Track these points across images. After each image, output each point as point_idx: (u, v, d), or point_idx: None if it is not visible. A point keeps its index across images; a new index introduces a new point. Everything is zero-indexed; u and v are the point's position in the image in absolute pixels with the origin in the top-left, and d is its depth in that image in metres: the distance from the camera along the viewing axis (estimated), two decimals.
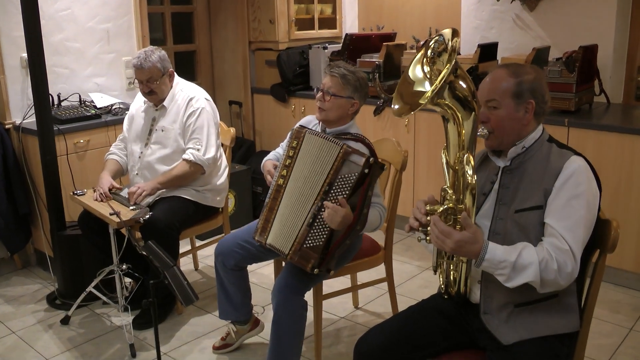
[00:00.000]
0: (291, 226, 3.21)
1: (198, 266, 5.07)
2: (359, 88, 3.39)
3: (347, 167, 3.09)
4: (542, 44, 5.30)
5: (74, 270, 4.38)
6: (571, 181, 2.33)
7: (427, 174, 5.39)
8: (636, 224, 4.28)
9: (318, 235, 3.11)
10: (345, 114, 3.41)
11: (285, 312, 3.25)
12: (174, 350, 3.87)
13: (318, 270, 3.11)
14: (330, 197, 3.09)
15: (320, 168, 3.15)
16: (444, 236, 2.25)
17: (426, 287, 4.62)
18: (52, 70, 4.89)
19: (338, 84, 3.35)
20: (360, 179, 3.05)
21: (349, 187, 3.06)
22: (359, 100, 3.42)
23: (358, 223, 3.09)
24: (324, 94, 3.37)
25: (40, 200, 4.75)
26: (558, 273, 2.25)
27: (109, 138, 4.87)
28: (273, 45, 6.42)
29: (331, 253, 3.12)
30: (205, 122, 4.13)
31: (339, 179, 3.09)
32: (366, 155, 3.06)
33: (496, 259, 2.26)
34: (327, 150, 3.15)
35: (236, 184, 5.51)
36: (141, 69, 4.03)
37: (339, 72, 3.36)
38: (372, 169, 3.05)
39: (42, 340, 4.00)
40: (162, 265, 2.87)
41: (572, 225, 2.29)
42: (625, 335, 3.93)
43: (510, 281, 2.28)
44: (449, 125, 2.32)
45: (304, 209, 3.17)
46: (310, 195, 3.17)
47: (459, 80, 2.26)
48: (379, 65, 5.43)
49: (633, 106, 5.11)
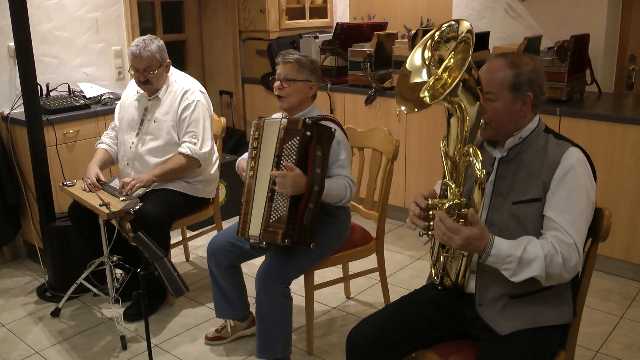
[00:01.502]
0: (260, 209, 3.24)
1: (189, 257, 5.05)
2: (314, 70, 3.48)
3: (288, 134, 3.18)
4: (533, 33, 5.29)
5: (64, 262, 4.36)
6: (571, 174, 2.32)
7: (418, 163, 5.38)
8: (627, 213, 4.29)
9: (279, 207, 3.16)
10: (305, 97, 3.49)
11: (267, 300, 3.27)
12: (166, 341, 3.85)
13: (291, 242, 3.13)
14: (281, 168, 3.16)
15: (272, 145, 3.23)
16: (451, 233, 2.22)
17: (418, 276, 4.61)
18: (40, 60, 4.86)
19: (294, 69, 3.43)
20: (302, 141, 3.13)
21: (295, 152, 3.14)
22: (315, 82, 3.50)
23: (314, 183, 3.13)
24: (282, 81, 3.45)
25: (29, 191, 4.72)
26: (563, 267, 2.25)
27: (98, 128, 4.84)
28: (264, 35, 6.39)
29: (299, 221, 3.14)
30: (201, 115, 4.10)
31: (285, 148, 3.17)
32: (301, 119, 3.15)
33: (502, 254, 2.24)
34: (272, 127, 3.26)
35: (227, 174, 5.49)
36: (139, 58, 3.99)
37: (292, 58, 3.45)
38: (312, 129, 3.13)
39: (33, 333, 3.98)
40: (152, 256, 2.85)
41: (574, 219, 2.29)
42: (616, 323, 3.94)
43: (515, 276, 2.27)
44: (452, 120, 2.28)
45: (266, 189, 3.23)
46: (267, 174, 3.22)
47: (471, 77, 2.22)
48: (370, 54, 5.41)
49: (624, 95, 5.12)
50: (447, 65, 2.17)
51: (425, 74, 2.28)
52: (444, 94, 2.12)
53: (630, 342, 3.73)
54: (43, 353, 3.76)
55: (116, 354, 3.73)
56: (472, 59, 2.12)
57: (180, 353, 3.74)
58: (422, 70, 2.29)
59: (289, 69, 3.43)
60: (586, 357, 3.59)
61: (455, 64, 2.16)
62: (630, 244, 4.34)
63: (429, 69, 2.28)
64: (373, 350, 2.53)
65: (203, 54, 6.89)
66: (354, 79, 5.62)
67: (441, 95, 2.13)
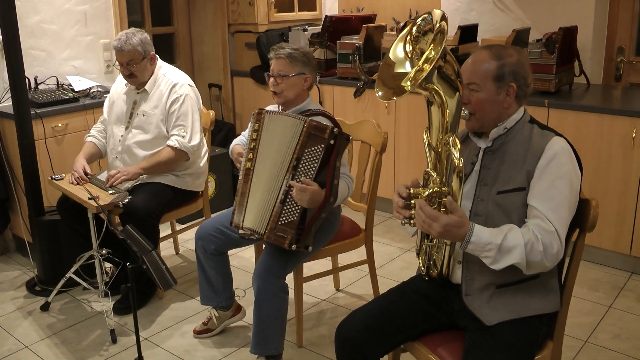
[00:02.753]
0: (265, 206, 3.21)
1: (179, 250, 5.05)
2: (308, 62, 3.45)
3: (312, 140, 3.11)
4: (522, 25, 5.30)
5: (53, 256, 4.35)
6: (554, 163, 2.34)
7: (407, 156, 5.38)
8: (615, 204, 4.31)
9: (291, 211, 3.12)
10: (301, 90, 3.46)
11: (266, 296, 3.25)
12: (155, 335, 3.85)
13: (296, 247, 3.12)
14: (299, 171, 3.12)
15: (287, 145, 3.17)
16: (431, 220, 2.23)
17: (407, 268, 4.63)
18: (28, 53, 4.84)
19: (286, 64, 3.40)
20: (327, 150, 3.08)
21: (317, 160, 3.09)
22: (310, 74, 3.47)
23: (331, 195, 3.12)
24: (275, 78, 3.42)
25: (18, 185, 4.70)
26: (544, 254, 2.26)
27: (87, 122, 4.83)
28: (252, 28, 6.37)
29: (308, 227, 3.13)
30: (190, 108, 4.09)
31: (306, 153, 3.11)
32: (330, 127, 3.09)
33: (482, 241, 2.25)
34: (291, 126, 3.18)
35: (216, 167, 5.49)
36: (121, 52, 3.98)
37: (284, 53, 3.41)
38: (337, 139, 3.08)
39: (22, 327, 3.98)
40: (140, 249, 2.85)
41: (556, 207, 2.30)
42: (604, 313, 3.96)
43: (496, 263, 2.28)
44: (433, 108, 2.29)
45: (276, 188, 3.18)
46: (279, 173, 3.18)
47: (447, 65, 2.24)
48: (359, 47, 5.41)
49: (612, 87, 5.13)
50: (428, 57, 2.19)
51: (408, 66, 2.30)
52: (419, 80, 2.15)
53: (618, 332, 3.75)
54: (32, 347, 3.75)
55: (106, 348, 3.73)
56: (457, 50, 2.13)
57: (169, 346, 3.74)
58: (405, 62, 2.32)
59: (282, 64, 3.40)
60: (575, 346, 3.61)
61: (435, 54, 2.18)
62: (618, 235, 4.36)
63: (412, 61, 2.30)
64: (362, 342, 2.54)
65: (192, 47, 6.87)
66: (343, 71, 5.62)
67: (417, 82, 2.16)
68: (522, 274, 2.33)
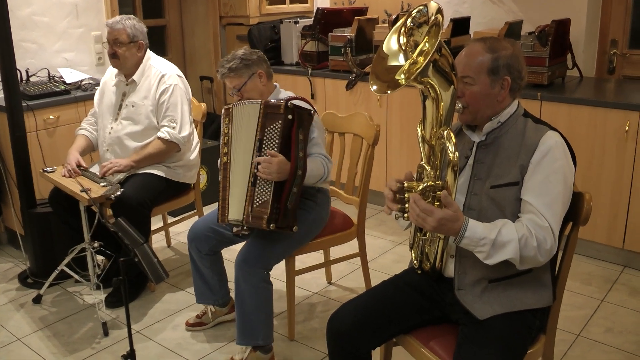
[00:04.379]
0: (241, 194, 3.22)
1: (170, 243, 5.04)
2: (251, 62, 3.45)
3: (270, 118, 3.16)
4: (514, 18, 5.30)
5: (45, 248, 4.34)
6: (548, 157, 2.33)
7: (399, 149, 5.38)
8: (608, 197, 4.31)
9: (263, 191, 3.14)
10: (261, 87, 3.50)
11: (246, 286, 3.27)
12: (147, 328, 3.85)
13: (275, 226, 3.12)
14: (263, 152, 3.15)
15: (250, 130, 3.22)
16: (425, 214, 2.21)
17: (399, 261, 4.63)
18: (19, 45, 4.82)
19: (233, 78, 3.45)
20: (285, 124, 3.12)
21: (277, 136, 3.13)
22: (258, 68, 3.47)
23: (298, 167, 3.13)
24: (236, 94, 3.48)
25: (10, 177, 4.68)
26: (537, 250, 2.25)
27: (79, 114, 4.81)
28: (244, 20, 6.36)
29: (283, 205, 3.14)
30: (179, 99, 4.09)
31: (266, 132, 3.16)
32: (283, 102, 3.13)
33: (476, 236, 2.25)
34: (251, 111, 3.24)
35: (208, 159, 5.48)
36: (111, 29, 4.03)
37: (226, 71, 3.45)
38: (294, 113, 3.12)
39: (14, 319, 3.97)
40: (131, 242, 2.84)
41: (550, 202, 2.30)
42: (596, 307, 3.97)
43: (489, 258, 2.27)
44: (428, 102, 2.28)
45: (247, 173, 3.21)
46: (249, 158, 3.21)
47: (442, 59, 2.23)
48: (351, 39, 5.39)
49: (605, 80, 5.13)
50: (422, 50, 2.17)
51: (402, 58, 2.29)
52: (414, 74, 2.14)
53: (611, 325, 3.76)
54: (24, 340, 3.74)
55: (97, 341, 3.72)
56: (450, 43, 2.13)
57: (161, 339, 3.73)
58: (399, 54, 2.30)
59: (231, 80, 3.46)
60: (567, 340, 3.61)
61: (430, 47, 2.17)
62: (611, 228, 4.37)
63: (406, 53, 2.28)
64: (354, 335, 2.53)
65: (183, 40, 6.84)
66: (335, 64, 5.61)
67: (412, 76, 2.14)
68: (515, 269, 2.33)
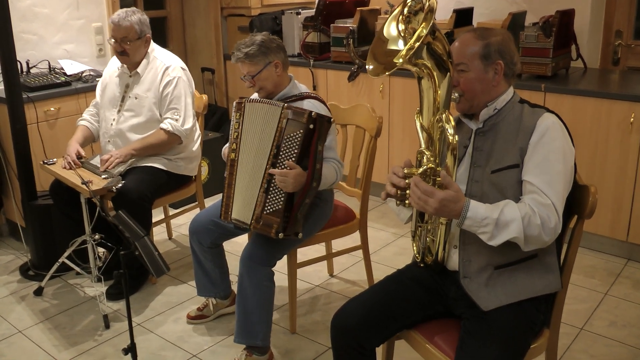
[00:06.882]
0: (249, 196, 3.19)
1: (172, 235, 5.03)
2: (268, 49, 3.36)
3: (291, 126, 3.09)
4: (518, 8, 5.26)
5: (46, 241, 4.33)
6: (546, 137, 2.33)
7: (402, 140, 5.35)
8: (612, 190, 4.29)
9: (276, 200, 3.10)
10: (276, 78, 3.41)
11: (249, 283, 3.25)
12: (148, 320, 3.84)
13: (283, 235, 3.10)
14: (280, 158, 3.10)
15: (267, 133, 3.16)
16: (426, 196, 2.20)
17: (401, 254, 4.61)
18: (19, 37, 4.80)
19: (249, 64, 3.36)
20: (306, 135, 3.05)
21: (297, 146, 3.07)
22: (275, 58, 3.38)
23: (313, 180, 3.09)
24: (249, 81, 3.40)
25: (10, 169, 4.67)
26: (542, 228, 2.23)
27: (79, 106, 4.79)
28: (245, 11, 6.33)
29: (294, 215, 3.12)
30: (183, 91, 4.07)
31: (285, 139, 3.09)
32: (308, 111, 3.06)
33: (478, 216, 2.23)
34: (270, 113, 3.17)
35: (209, 151, 5.46)
36: (118, 26, 3.97)
37: (242, 55, 3.35)
38: (316, 123, 3.05)
39: (15, 312, 3.96)
40: (132, 235, 2.82)
41: (551, 180, 2.29)
42: (600, 300, 3.95)
43: (493, 239, 2.25)
44: (424, 83, 2.27)
45: (259, 177, 3.17)
46: (262, 162, 3.17)
47: (437, 42, 2.23)
48: (353, 30, 5.37)
49: (610, 71, 5.10)
50: (420, 35, 2.17)
51: (401, 44, 2.30)
52: (409, 54, 2.14)
53: (614, 319, 3.74)
54: (26, 332, 3.74)
55: (99, 333, 3.71)
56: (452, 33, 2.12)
57: (162, 332, 3.73)
58: (398, 40, 2.31)
59: (246, 66, 3.38)
60: (570, 334, 3.59)
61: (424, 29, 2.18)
62: (615, 221, 4.35)
63: (405, 39, 2.29)
64: (358, 331, 2.52)
65: (185, 31, 6.82)
66: (337, 55, 5.58)
67: (407, 56, 2.15)
68: (520, 253, 2.32)
